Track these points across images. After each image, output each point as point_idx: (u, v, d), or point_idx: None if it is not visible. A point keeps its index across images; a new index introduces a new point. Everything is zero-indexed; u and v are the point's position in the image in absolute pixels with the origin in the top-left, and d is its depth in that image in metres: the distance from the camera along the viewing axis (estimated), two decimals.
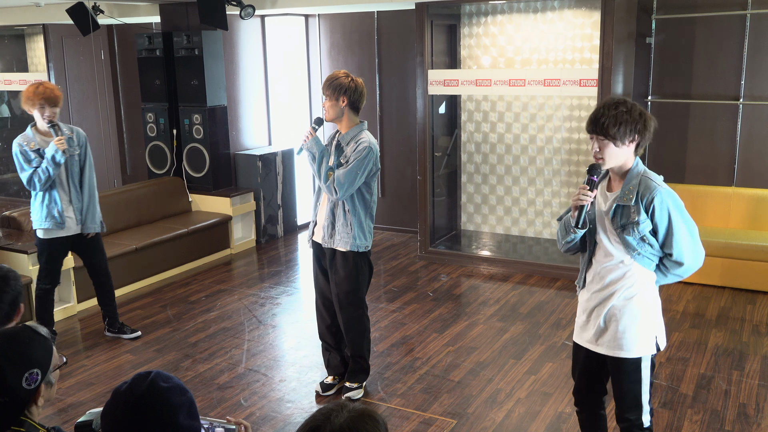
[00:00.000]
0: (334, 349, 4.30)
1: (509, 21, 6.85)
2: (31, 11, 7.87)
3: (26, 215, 6.00)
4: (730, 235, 5.90)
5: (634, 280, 2.80)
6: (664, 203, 2.69)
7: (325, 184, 3.92)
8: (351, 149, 3.91)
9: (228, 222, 7.17)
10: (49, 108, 4.57)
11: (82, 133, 4.87)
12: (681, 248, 2.72)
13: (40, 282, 4.86)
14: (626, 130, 2.69)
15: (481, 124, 7.25)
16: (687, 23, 6.19)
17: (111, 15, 7.54)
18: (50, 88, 4.59)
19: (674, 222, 2.70)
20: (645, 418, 2.88)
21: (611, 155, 2.74)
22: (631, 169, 2.77)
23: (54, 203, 4.67)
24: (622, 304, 2.81)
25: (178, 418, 1.71)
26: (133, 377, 1.76)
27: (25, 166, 4.60)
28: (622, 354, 2.82)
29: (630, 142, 2.73)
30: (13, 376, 1.90)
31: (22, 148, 4.61)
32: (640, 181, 2.73)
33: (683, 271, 2.80)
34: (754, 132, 6.12)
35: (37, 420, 2.01)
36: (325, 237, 4.04)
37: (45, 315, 4.92)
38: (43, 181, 4.58)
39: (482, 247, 7.11)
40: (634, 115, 2.69)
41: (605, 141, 2.72)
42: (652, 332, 2.83)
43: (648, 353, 2.83)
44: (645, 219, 2.70)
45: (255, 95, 7.76)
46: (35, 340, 1.97)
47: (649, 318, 2.82)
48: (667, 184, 2.78)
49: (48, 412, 4.10)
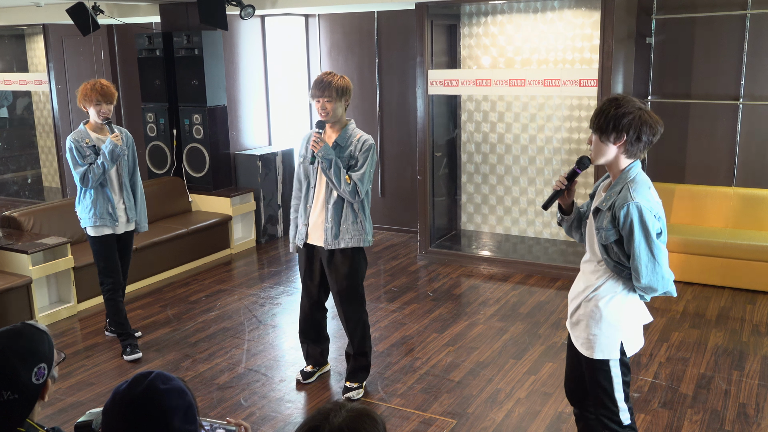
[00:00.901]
0: (313, 342, 4.43)
1: (509, 21, 6.85)
2: (31, 11, 7.87)
3: (26, 215, 6.01)
4: (730, 235, 5.90)
5: (605, 282, 2.80)
6: (629, 217, 2.62)
7: (348, 189, 3.90)
8: (355, 148, 3.93)
9: (228, 222, 7.17)
10: (105, 104, 4.58)
11: (129, 134, 4.89)
12: (637, 266, 2.66)
13: (103, 283, 4.84)
14: (607, 125, 2.65)
15: (481, 124, 7.25)
16: (687, 23, 6.19)
17: (111, 15, 7.54)
18: (106, 85, 4.60)
19: (636, 239, 2.63)
20: (623, 416, 2.89)
21: (596, 149, 2.73)
22: (622, 172, 2.72)
23: (108, 201, 4.69)
24: (592, 304, 2.82)
25: (172, 421, 1.70)
26: (134, 377, 1.76)
27: (80, 161, 4.60)
28: (590, 354, 2.85)
29: (615, 142, 2.67)
30: (24, 372, 1.90)
31: (77, 144, 4.60)
32: (621, 190, 2.68)
33: (642, 288, 2.72)
34: (754, 132, 6.12)
35: (36, 420, 2.01)
36: (328, 239, 4.02)
37: (119, 317, 4.87)
38: (97, 177, 4.59)
39: (482, 247, 7.11)
40: (620, 112, 2.63)
41: (595, 133, 2.73)
42: (618, 338, 2.81)
43: (613, 357, 2.82)
44: (611, 228, 2.68)
45: (255, 95, 7.77)
46: (38, 336, 1.97)
47: (616, 323, 2.80)
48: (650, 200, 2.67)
49: (48, 412, 4.10)
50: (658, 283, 2.69)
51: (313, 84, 3.93)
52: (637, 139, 2.65)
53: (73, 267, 5.69)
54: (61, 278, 5.71)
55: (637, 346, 2.88)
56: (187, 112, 7.24)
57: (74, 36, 8.03)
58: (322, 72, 4.03)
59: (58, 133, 8.57)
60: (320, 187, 4.03)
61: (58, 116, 8.52)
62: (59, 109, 8.51)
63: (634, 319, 2.85)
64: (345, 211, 3.99)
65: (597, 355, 2.83)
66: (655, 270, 2.67)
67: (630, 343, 2.85)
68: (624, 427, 2.90)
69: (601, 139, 2.69)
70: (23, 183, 9.78)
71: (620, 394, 2.86)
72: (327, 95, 3.87)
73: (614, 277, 2.79)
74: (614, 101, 2.68)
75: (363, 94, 7.81)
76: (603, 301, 2.79)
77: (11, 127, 9.76)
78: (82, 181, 4.61)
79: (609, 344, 2.81)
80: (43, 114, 9.14)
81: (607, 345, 2.81)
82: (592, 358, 2.85)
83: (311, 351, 4.46)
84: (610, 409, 2.88)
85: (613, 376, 2.84)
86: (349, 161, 3.94)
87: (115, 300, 4.84)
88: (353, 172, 3.92)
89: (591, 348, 2.84)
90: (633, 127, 2.63)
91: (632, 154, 2.70)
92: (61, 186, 8.78)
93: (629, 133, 2.64)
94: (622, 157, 2.71)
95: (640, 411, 4.01)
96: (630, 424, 2.90)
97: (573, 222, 3.00)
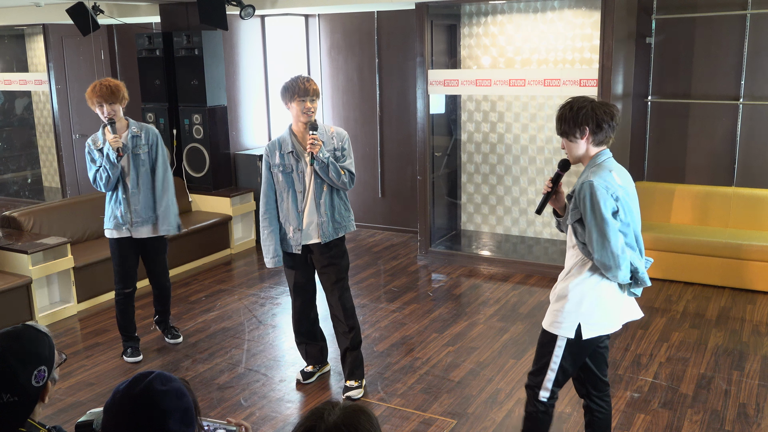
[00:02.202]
0: (311, 340, 4.45)
1: (509, 21, 6.85)
2: (31, 11, 7.87)
3: (26, 215, 6.02)
4: (730, 235, 5.90)
5: (576, 265, 2.96)
6: (581, 194, 2.83)
7: (346, 180, 4.02)
8: (337, 140, 4.06)
9: (228, 222, 7.17)
10: (107, 105, 4.44)
11: (153, 131, 4.67)
12: (589, 238, 2.84)
13: (116, 285, 4.78)
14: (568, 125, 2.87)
15: (481, 124, 7.25)
16: (687, 23, 6.19)
17: (111, 15, 7.54)
18: (106, 85, 4.44)
19: (587, 216, 2.83)
20: (542, 393, 3.03)
21: (569, 150, 2.94)
22: (591, 159, 2.93)
23: (118, 203, 4.59)
24: (563, 284, 3.00)
25: (168, 422, 1.69)
26: (134, 376, 1.76)
27: (90, 165, 4.55)
28: (547, 326, 3.02)
29: (581, 136, 2.88)
30: (23, 375, 1.90)
31: (89, 148, 4.56)
32: (584, 173, 2.90)
33: (598, 264, 2.85)
34: (754, 132, 6.12)
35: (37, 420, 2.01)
36: (326, 233, 4.06)
37: (125, 321, 4.82)
38: (104, 180, 4.49)
39: (482, 247, 7.11)
40: (574, 109, 2.85)
41: (563, 138, 2.94)
42: (576, 319, 2.93)
43: (564, 335, 2.95)
44: (573, 207, 2.89)
45: (255, 95, 7.77)
46: (39, 338, 1.97)
47: (578, 304, 2.93)
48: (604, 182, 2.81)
49: (48, 412, 4.10)
50: (609, 259, 2.81)
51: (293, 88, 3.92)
52: (598, 127, 2.86)
53: (73, 267, 5.69)
54: (61, 278, 5.71)
55: (598, 331, 2.96)
56: (187, 112, 7.24)
57: (74, 36, 8.04)
58: (296, 77, 3.99)
59: (58, 133, 8.57)
60: (309, 188, 4.05)
61: (58, 116, 8.52)
62: (59, 109, 8.51)
63: (601, 304, 2.94)
64: (336, 203, 4.10)
65: (551, 329, 2.98)
66: (605, 246, 2.80)
67: (589, 327, 2.93)
68: (538, 401, 3.05)
69: (570, 140, 2.91)
70: (23, 183, 9.78)
71: (552, 373, 2.99)
72: (313, 96, 3.95)
73: (584, 261, 2.93)
74: (567, 105, 2.90)
75: (363, 94, 7.81)
76: (572, 282, 2.95)
77: (11, 127, 9.76)
78: (94, 184, 4.57)
79: (566, 322, 2.94)
80: (43, 114, 9.14)
81: (563, 322, 2.94)
82: (546, 330, 3.01)
83: (310, 350, 4.46)
84: (536, 378, 3.04)
85: (555, 351, 2.97)
86: (334, 154, 4.04)
87: (124, 304, 4.79)
88: (344, 163, 4.05)
89: (549, 321, 3.00)
90: (590, 118, 2.85)
91: (600, 142, 2.91)
92: (61, 186, 8.77)
93: (590, 125, 2.86)
94: (591, 147, 2.91)
95: (640, 411, 4.01)
96: (544, 402, 3.04)
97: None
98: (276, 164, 4.06)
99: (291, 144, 4.03)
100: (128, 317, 4.84)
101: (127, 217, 4.60)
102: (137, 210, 4.61)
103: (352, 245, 7.23)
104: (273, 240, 4.16)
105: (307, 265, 4.23)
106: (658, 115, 6.44)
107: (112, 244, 4.70)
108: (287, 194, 4.08)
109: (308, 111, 3.94)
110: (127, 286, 4.76)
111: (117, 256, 4.70)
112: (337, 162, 4.03)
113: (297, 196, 4.06)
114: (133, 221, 4.62)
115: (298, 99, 3.91)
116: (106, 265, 5.95)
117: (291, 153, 4.03)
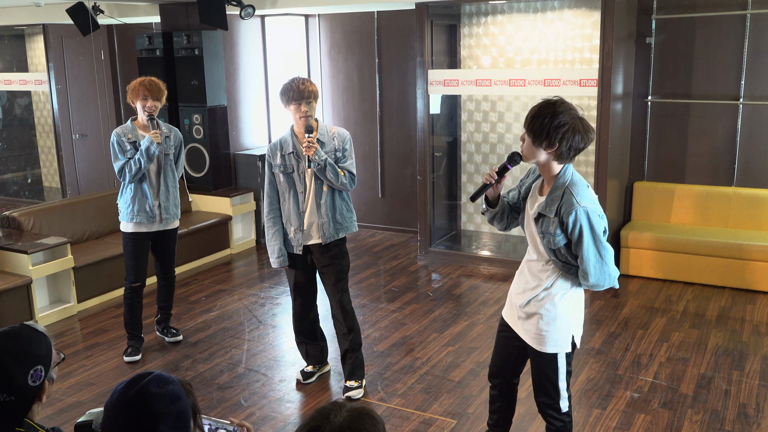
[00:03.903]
0: (312, 340, 4.45)
1: (509, 21, 6.85)
2: (31, 11, 7.88)
3: (26, 215, 6.01)
4: (730, 235, 5.90)
5: (555, 281, 2.90)
6: (578, 222, 2.72)
7: (345, 180, 4.02)
8: (338, 141, 4.05)
9: (228, 222, 7.17)
10: (151, 100, 4.58)
11: (179, 135, 4.88)
12: (587, 265, 2.77)
13: (126, 279, 4.81)
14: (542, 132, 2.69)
15: (481, 124, 7.25)
16: (687, 23, 6.19)
17: (111, 15, 7.54)
18: (155, 82, 4.63)
19: (585, 242, 2.74)
20: (563, 404, 3.04)
21: (528, 150, 2.78)
22: (557, 177, 2.79)
23: (145, 197, 4.67)
24: (546, 302, 2.92)
25: (159, 426, 1.68)
26: (132, 377, 1.75)
27: (120, 155, 4.60)
28: (542, 348, 2.96)
29: (546, 149, 2.72)
30: (19, 374, 1.90)
31: (119, 138, 4.62)
32: (563, 194, 2.75)
33: (590, 286, 2.84)
34: (754, 132, 6.12)
35: (36, 420, 2.01)
36: (326, 233, 4.06)
37: (132, 318, 4.83)
38: (133, 172, 4.57)
39: (482, 247, 7.11)
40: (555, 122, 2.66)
41: (527, 135, 2.76)
42: (569, 332, 2.95)
43: (563, 350, 2.96)
44: (560, 233, 2.78)
45: (255, 95, 7.77)
46: (35, 338, 1.97)
47: (568, 319, 2.93)
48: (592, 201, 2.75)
49: (48, 412, 4.10)
50: (604, 281, 2.82)
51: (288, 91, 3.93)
52: (568, 149, 2.71)
53: (73, 267, 5.69)
54: (61, 278, 5.71)
55: (581, 332, 3.05)
56: (187, 112, 7.24)
57: (74, 36, 8.04)
58: (292, 79, 4.00)
59: (58, 133, 8.57)
60: (310, 189, 4.05)
61: (57, 116, 8.52)
62: (59, 109, 8.51)
63: (582, 311, 3.01)
64: (337, 203, 4.09)
65: (549, 350, 2.96)
66: (603, 270, 2.80)
67: (577, 333, 3.00)
68: (562, 413, 3.06)
69: (534, 144, 2.74)
70: (23, 183, 9.78)
71: (563, 383, 3.02)
72: (307, 99, 3.93)
73: (563, 275, 2.90)
74: (551, 107, 2.71)
75: (363, 94, 7.81)
76: (556, 299, 2.91)
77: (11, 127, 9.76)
78: (120, 175, 4.62)
79: (561, 339, 2.95)
80: (43, 114, 9.14)
81: (559, 339, 2.95)
82: (542, 352, 2.97)
83: (311, 350, 4.47)
84: (552, 397, 3.03)
85: (560, 367, 2.99)
86: (335, 154, 4.03)
87: (132, 300, 4.82)
88: (344, 164, 4.04)
89: (542, 342, 2.96)
90: (566, 139, 2.68)
91: (563, 160, 2.77)
92: (61, 186, 8.77)
93: (561, 144, 2.69)
94: (554, 163, 2.77)
95: (640, 411, 4.01)
96: (567, 411, 3.07)
97: (497, 214, 3.07)
98: (277, 165, 4.07)
99: (292, 145, 4.03)
100: (135, 314, 4.86)
101: (156, 211, 4.72)
102: (166, 206, 4.77)
103: (352, 245, 7.23)
104: (277, 240, 4.17)
105: (308, 266, 4.23)
106: (658, 115, 6.43)
107: (127, 238, 4.75)
108: (289, 195, 4.09)
109: (304, 114, 3.94)
110: (138, 279, 4.80)
111: (132, 249, 4.76)
112: (338, 163, 4.03)
113: (298, 196, 4.07)
114: (163, 217, 4.76)
115: (294, 103, 3.93)
116: (106, 265, 5.96)
117: (292, 153, 4.03)
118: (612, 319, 5.32)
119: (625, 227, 6.28)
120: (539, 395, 3.08)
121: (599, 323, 5.25)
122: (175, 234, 4.97)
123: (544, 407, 3.07)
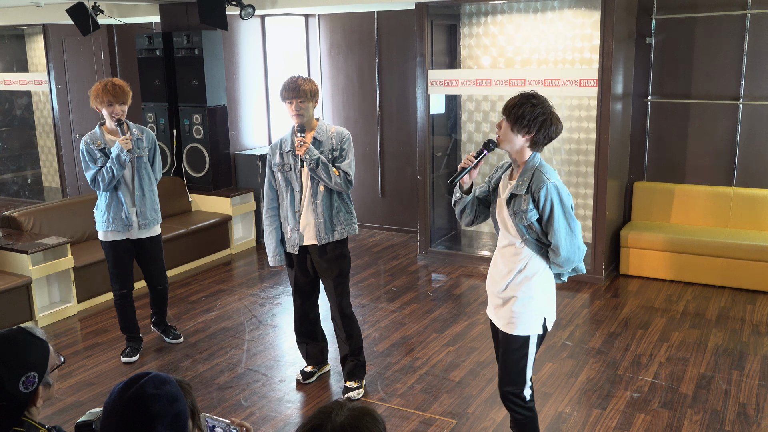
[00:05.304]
0: (312, 340, 4.45)
1: (509, 21, 6.85)
2: (31, 11, 7.87)
3: (26, 215, 6.01)
4: (730, 235, 5.90)
5: (527, 263, 3.02)
6: (549, 196, 2.90)
7: (339, 180, 3.96)
8: (336, 140, 4.02)
9: (228, 222, 7.17)
10: (117, 105, 4.40)
11: (152, 135, 4.68)
12: (558, 238, 2.92)
13: (113, 287, 4.75)
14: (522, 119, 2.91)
15: (481, 124, 7.25)
16: (687, 23, 6.19)
17: (111, 15, 7.54)
18: (118, 85, 4.41)
19: (555, 214, 2.91)
20: (527, 392, 3.12)
21: (505, 136, 2.97)
22: (527, 161, 2.99)
23: (121, 205, 4.52)
24: (517, 285, 3.04)
25: (156, 427, 1.68)
26: (131, 377, 1.75)
27: (90, 164, 4.44)
28: (513, 331, 3.05)
29: (524, 135, 2.93)
30: (9, 381, 1.90)
31: (88, 147, 4.45)
32: (533, 174, 2.96)
33: (562, 261, 2.96)
34: (754, 132, 6.12)
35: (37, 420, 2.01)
36: (321, 234, 4.04)
37: (126, 322, 4.80)
38: (107, 181, 4.42)
39: (482, 247, 7.11)
40: (535, 112, 2.90)
41: (507, 122, 2.95)
42: (542, 314, 3.05)
43: (535, 332, 3.05)
44: (532, 208, 2.94)
45: (255, 95, 7.77)
46: (31, 343, 1.97)
47: (540, 301, 3.04)
48: (559, 180, 2.97)
49: (48, 412, 4.11)
50: (575, 254, 2.96)
51: (282, 88, 3.94)
52: (543, 138, 2.95)
53: (73, 267, 5.69)
54: (61, 278, 5.71)
55: (553, 316, 3.13)
56: (187, 112, 7.24)
57: (74, 36, 8.03)
58: (288, 78, 3.99)
59: (58, 133, 8.57)
60: (306, 188, 4.04)
61: (58, 116, 8.52)
62: (59, 109, 8.51)
63: (554, 294, 3.12)
64: (335, 204, 4.05)
65: (519, 332, 3.04)
66: (573, 242, 2.94)
67: (550, 318, 3.09)
68: (527, 401, 3.13)
69: (513, 130, 2.95)
70: (23, 183, 9.78)
71: (530, 370, 3.09)
72: (300, 96, 3.91)
73: (535, 256, 3.01)
74: (532, 98, 2.95)
75: (363, 94, 7.81)
76: (533, 280, 3.02)
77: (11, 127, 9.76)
78: (93, 185, 4.48)
79: (533, 321, 3.03)
80: (43, 114, 9.14)
81: (531, 321, 3.03)
82: (513, 335, 3.05)
83: (311, 350, 4.47)
84: (518, 385, 3.10)
85: (529, 352, 3.07)
86: (332, 154, 4.00)
87: (123, 306, 4.78)
88: (340, 164, 3.99)
89: (513, 325, 3.05)
90: (544, 127, 2.93)
91: (536, 147, 2.99)
92: (61, 186, 8.78)
93: (539, 132, 2.93)
94: (527, 149, 2.99)
95: (640, 411, 4.01)
96: (530, 400, 3.14)
97: (467, 204, 3.17)
98: (276, 163, 4.08)
99: (290, 143, 4.03)
100: (129, 318, 4.83)
101: (133, 218, 4.57)
102: (143, 212, 4.60)
103: (352, 245, 7.23)
104: (273, 239, 4.17)
105: (306, 264, 4.23)
106: (658, 115, 6.43)
107: (107, 247, 4.64)
108: (286, 194, 4.09)
109: (296, 112, 3.93)
110: (124, 287, 4.74)
111: (113, 258, 4.66)
112: (334, 162, 4.00)
113: (295, 195, 4.06)
114: (140, 223, 4.61)
115: (287, 101, 3.93)
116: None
117: (290, 152, 4.03)
118: (612, 319, 5.32)
119: (625, 227, 6.28)
120: (505, 384, 3.13)
121: (599, 323, 5.25)
122: (159, 242, 4.79)
123: (510, 396, 3.12)
